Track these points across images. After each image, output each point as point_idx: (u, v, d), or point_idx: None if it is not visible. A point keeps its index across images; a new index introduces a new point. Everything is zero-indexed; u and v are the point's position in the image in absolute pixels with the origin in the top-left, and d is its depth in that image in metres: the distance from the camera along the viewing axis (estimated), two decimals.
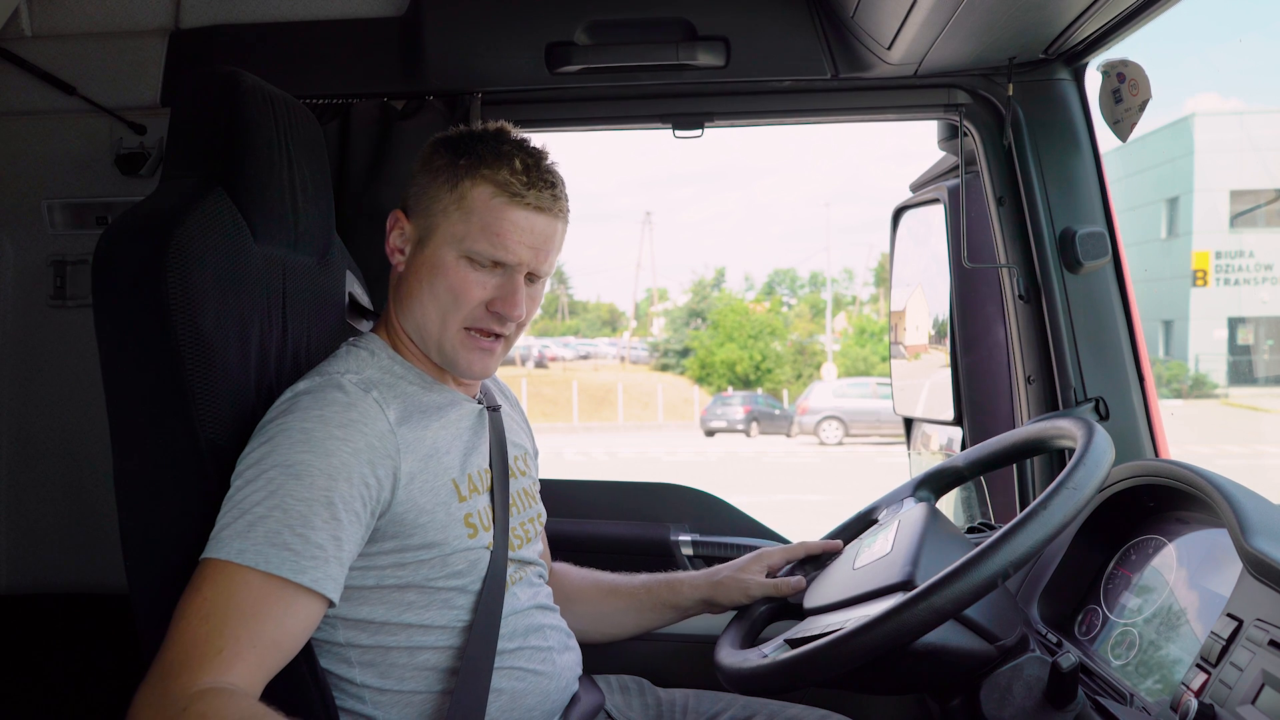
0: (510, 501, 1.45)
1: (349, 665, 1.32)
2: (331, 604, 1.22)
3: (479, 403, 1.48)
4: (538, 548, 1.54)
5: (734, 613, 1.61)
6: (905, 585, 1.28)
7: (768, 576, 1.61)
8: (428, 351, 1.41)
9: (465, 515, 1.35)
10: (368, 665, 1.32)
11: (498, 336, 1.39)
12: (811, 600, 1.48)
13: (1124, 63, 1.77)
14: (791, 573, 1.62)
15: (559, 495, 1.91)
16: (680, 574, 1.69)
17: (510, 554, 1.41)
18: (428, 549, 1.32)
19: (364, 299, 1.67)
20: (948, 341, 2.24)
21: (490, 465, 1.43)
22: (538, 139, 1.43)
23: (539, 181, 1.37)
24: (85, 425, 2.03)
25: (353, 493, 1.23)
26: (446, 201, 1.37)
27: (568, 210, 1.42)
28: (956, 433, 2.25)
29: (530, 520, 1.51)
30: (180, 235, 1.25)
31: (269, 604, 1.16)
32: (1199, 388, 24.18)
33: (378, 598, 1.31)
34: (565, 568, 1.74)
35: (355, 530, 1.24)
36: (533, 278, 1.40)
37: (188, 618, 1.14)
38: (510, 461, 1.49)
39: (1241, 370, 24.62)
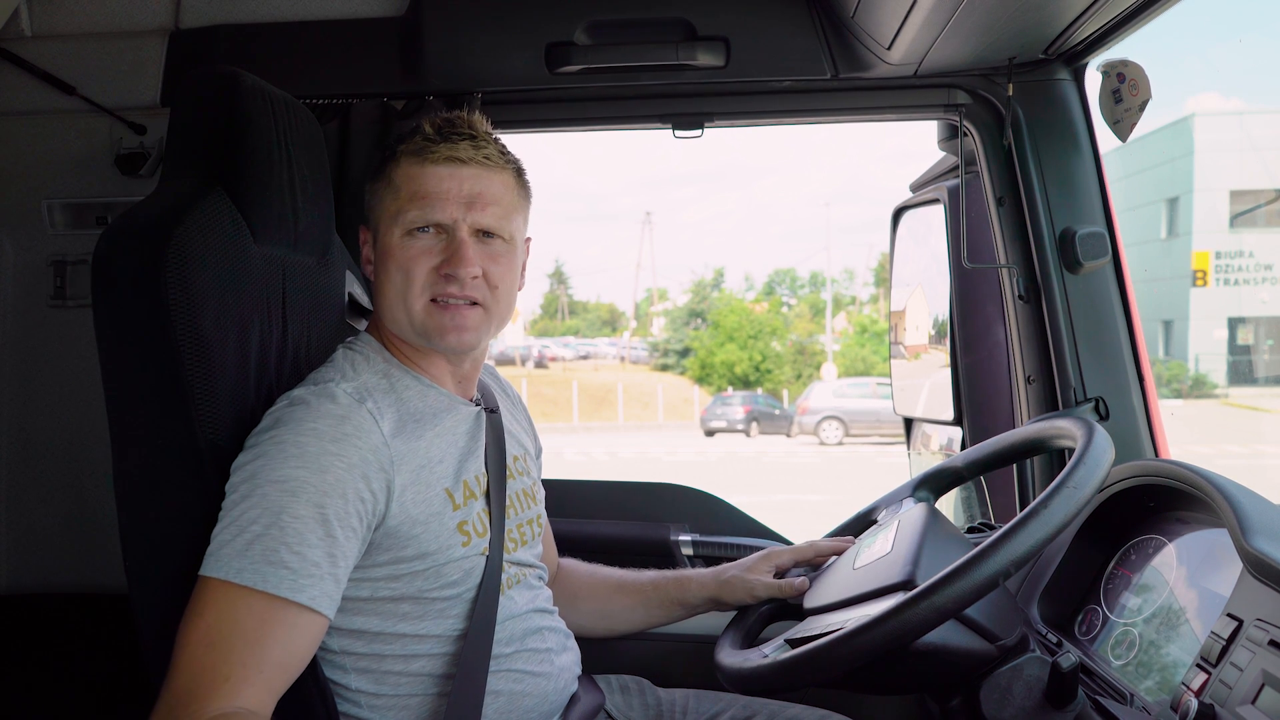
0: (508, 504, 1.44)
1: (344, 671, 1.32)
2: (329, 620, 1.22)
3: (476, 404, 1.47)
4: (536, 550, 1.53)
5: (734, 612, 1.61)
6: (905, 585, 1.28)
7: (775, 577, 1.61)
8: (408, 338, 1.39)
9: (459, 524, 1.35)
10: (363, 672, 1.32)
11: (472, 304, 1.36)
12: (812, 600, 1.48)
13: (1124, 63, 1.77)
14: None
15: (559, 495, 1.91)
16: (688, 571, 1.69)
17: (506, 557, 1.41)
18: (421, 559, 1.31)
19: (364, 299, 1.67)
20: (948, 341, 2.24)
21: (486, 468, 1.43)
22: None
23: (453, 135, 1.37)
24: (85, 425, 2.03)
25: (348, 508, 1.23)
26: (382, 193, 1.39)
27: (505, 161, 1.40)
28: (956, 433, 2.25)
29: (529, 522, 1.51)
30: (180, 235, 1.25)
31: (271, 626, 1.16)
32: (1199, 388, 24.18)
33: (372, 609, 1.31)
34: (572, 564, 1.74)
35: (351, 545, 1.24)
36: (485, 234, 1.37)
37: (193, 644, 1.14)
38: (509, 462, 1.48)
39: (1241, 370, 24.62)
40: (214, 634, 1.15)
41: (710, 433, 24.50)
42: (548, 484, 1.71)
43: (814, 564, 1.62)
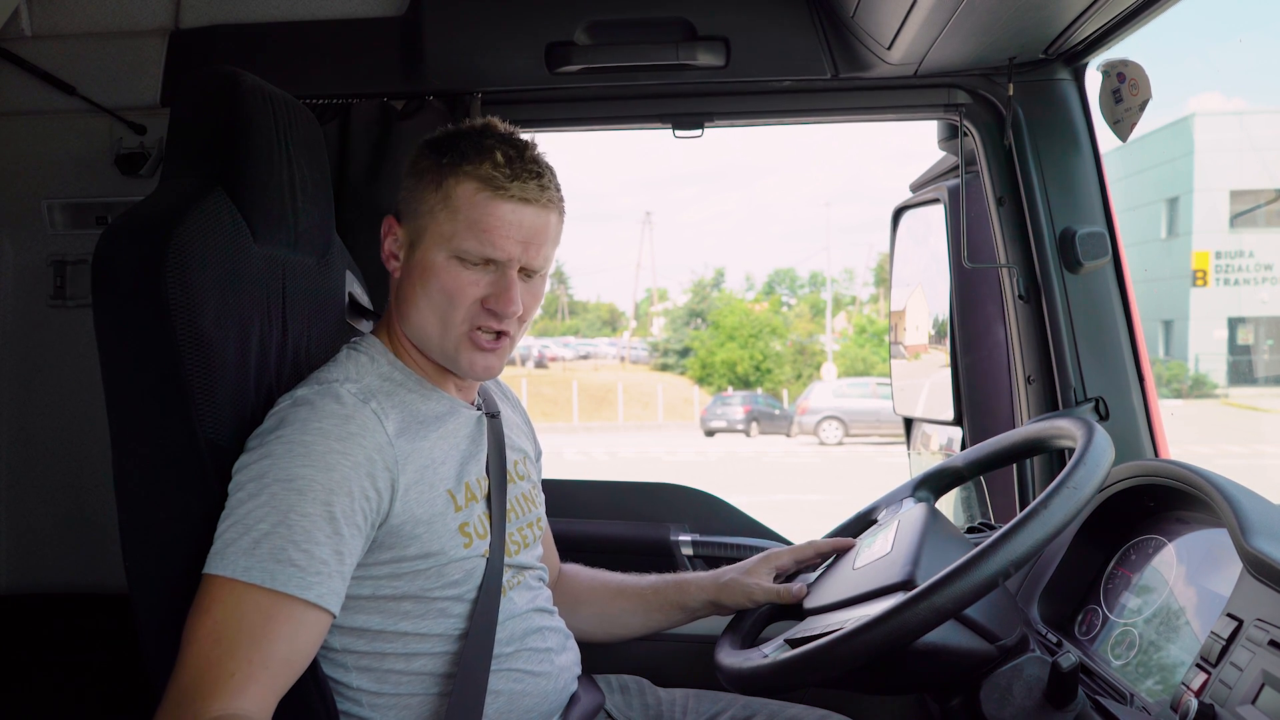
0: (509, 507, 1.45)
1: (345, 670, 1.32)
2: (334, 617, 1.22)
3: (478, 409, 1.47)
4: (537, 552, 1.54)
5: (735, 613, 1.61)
6: (905, 585, 1.28)
7: (775, 579, 1.60)
8: (431, 355, 1.40)
9: (460, 525, 1.35)
10: (363, 670, 1.32)
11: (500, 334, 1.37)
12: (812, 600, 1.48)
13: (1124, 62, 1.77)
14: (799, 572, 1.62)
15: (559, 495, 1.91)
16: (688, 574, 1.68)
17: (507, 559, 1.41)
18: (424, 559, 1.31)
19: (364, 299, 1.67)
20: (948, 341, 2.24)
21: (488, 472, 1.43)
22: (537, 139, 1.43)
23: (523, 173, 1.34)
24: (85, 425, 2.03)
25: (353, 506, 1.23)
26: (433, 202, 1.35)
27: (559, 200, 1.39)
28: (956, 433, 2.25)
29: (529, 525, 1.51)
30: (180, 235, 1.25)
31: (278, 622, 1.16)
32: (1199, 388, 24.18)
33: (374, 607, 1.31)
34: (574, 569, 1.74)
35: (356, 543, 1.24)
36: (528, 272, 1.37)
37: (199, 640, 1.14)
38: (509, 466, 1.48)
39: (1241, 370, 24.62)
40: (220, 630, 1.15)
41: (710, 433, 24.50)
42: (548, 484, 1.71)
43: (814, 564, 1.62)
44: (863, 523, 1.64)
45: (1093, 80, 1.86)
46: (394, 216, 1.42)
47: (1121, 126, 1.78)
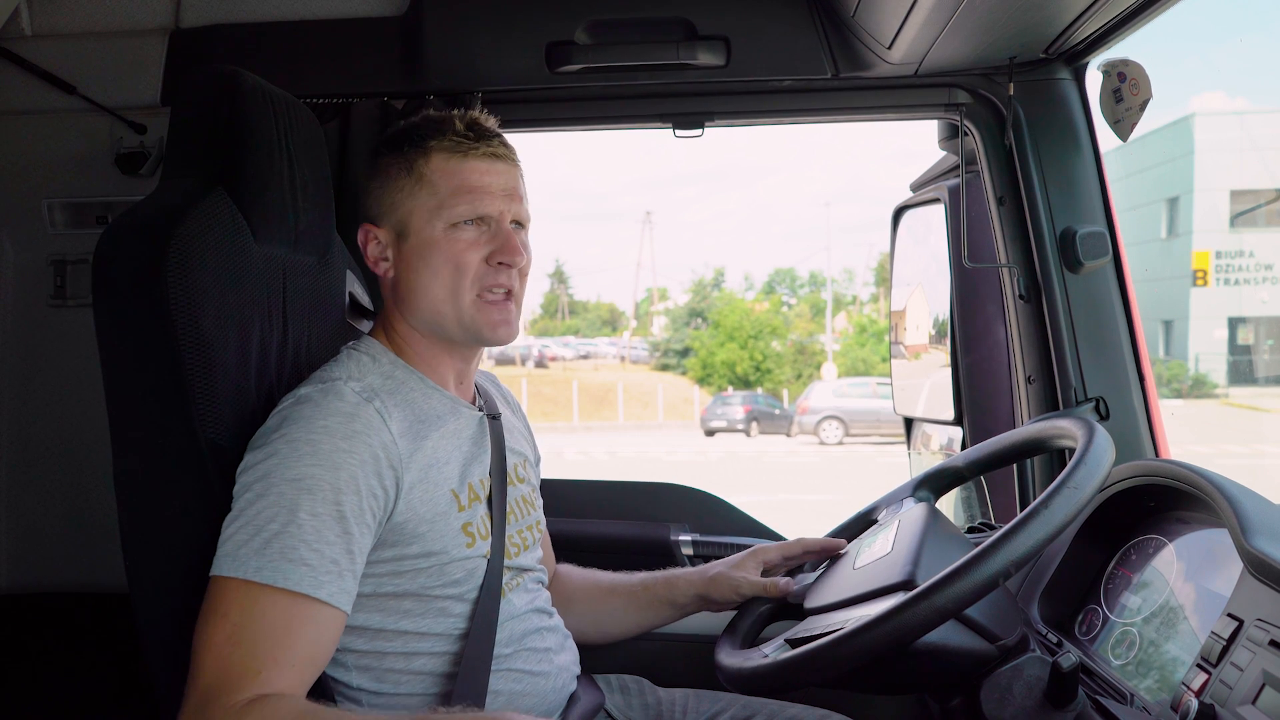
0: (509, 510, 1.45)
1: (345, 669, 1.32)
2: (347, 616, 1.22)
3: (479, 410, 1.47)
4: (536, 554, 1.54)
5: (734, 612, 1.61)
6: (906, 585, 1.28)
7: (763, 574, 1.61)
8: (450, 334, 1.40)
9: (464, 525, 1.35)
10: (363, 670, 1.32)
11: (509, 294, 1.40)
12: (812, 600, 1.48)
13: (1125, 62, 1.77)
14: (791, 571, 1.62)
15: (559, 495, 1.91)
16: (677, 570, 1.69)
17: (507, 561, 1.41)
18: (426, 558, 1.31)
19: (364, 299, 1.67)
20: (948, 341, 2.24)
21: (490, 473, 1.43)
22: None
23: (485, 133, 1.41)
24: (85, 425, 2.02)
25: (361, 504, 1.23)
26: (408, 188, 1.39)
27: (518, 159, 1.45)
28: (956, 433, 2.25)
29: (529, 528, 1.51)
30: (180, 235, 1.25)
31: (298, 622, 1.16)
32: (1199, 388, 24.19)
33: (374, 605, 1.31)
34: (567, 569, 1.74)
35: (365, 541, 1.24)
36: (518, 224, 1.42)
37: (217, 644, 1.14)
38: (509, 469, 1.48)
39: (1241, 370, 24.63)
40: (240, 632, 1.14)
41: (710, 432, 24.50)
42: (547, 484, 1.71)
43: (802, 562, 1.63)
44: (863, 523, 1.64)
45: (1093, 80, 1.87)
46: (368, 223, 1.43)
47: (1122, 126, 1.78)
